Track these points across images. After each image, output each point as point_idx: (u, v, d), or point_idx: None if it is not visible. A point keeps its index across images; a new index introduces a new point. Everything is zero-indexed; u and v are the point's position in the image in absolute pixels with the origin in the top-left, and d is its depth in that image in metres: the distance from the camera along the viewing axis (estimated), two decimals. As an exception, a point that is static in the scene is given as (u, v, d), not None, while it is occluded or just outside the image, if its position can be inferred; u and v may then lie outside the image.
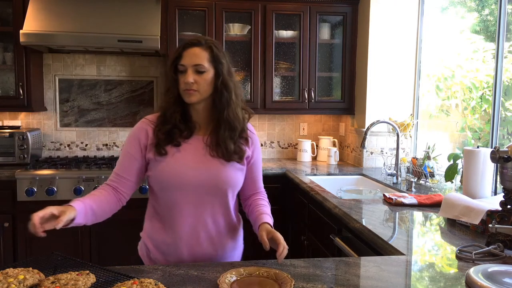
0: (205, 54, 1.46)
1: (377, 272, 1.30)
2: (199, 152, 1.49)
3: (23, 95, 3.10)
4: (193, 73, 1.44)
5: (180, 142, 1.49)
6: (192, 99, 1.46)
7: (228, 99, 1.48)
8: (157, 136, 1.49)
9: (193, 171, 1.46)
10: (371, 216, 1.95)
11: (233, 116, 1.50)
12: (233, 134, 1.50)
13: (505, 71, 2.45)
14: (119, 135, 3.62)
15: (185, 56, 1.45)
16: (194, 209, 1.49)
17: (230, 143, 1.49)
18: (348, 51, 3.47)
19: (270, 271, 1.25)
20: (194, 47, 1.46)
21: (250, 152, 1.56)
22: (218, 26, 3.27)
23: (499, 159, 1.53)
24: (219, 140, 1.49)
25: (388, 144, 3.37)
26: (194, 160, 1.48)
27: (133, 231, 3.01)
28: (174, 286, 1.17)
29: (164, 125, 1.49)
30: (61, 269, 1.21)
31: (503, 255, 1.41)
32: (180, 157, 1.47)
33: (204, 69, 1.45)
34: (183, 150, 1.49)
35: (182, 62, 1.45)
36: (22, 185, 2.83)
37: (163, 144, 1.48)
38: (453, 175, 2.50)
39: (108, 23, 3.02)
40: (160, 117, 1.52)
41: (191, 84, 1.44)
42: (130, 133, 1.55)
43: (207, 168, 1.47)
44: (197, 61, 1.44)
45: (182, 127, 1.49)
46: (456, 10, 3.15)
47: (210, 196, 1.49)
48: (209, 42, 1.49)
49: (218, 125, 1.50)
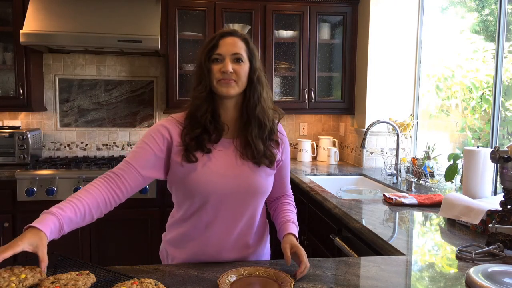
0: (243, 45, 1.38)
1: (377, 272, 1.30)
2: (229, 158, 1.40)
3: (23, 95, 3.10)
4: (231, 62, 1.35)
5: (210, 149, 1.38)
6: (231, 90, 1.35)
7: (259, 95, 1.40)
8: (185, 140, 1.37)
9: (222, 179, 1.37)
10: (371, 216, 1.95)
11: (264, 114, 1.41)
12: (262, 133, 1.41)
13: (505, 71, 2.45)
14: (119, 135, 3.62)
15: (222, 45, 1.36)
16: (222, 218, 1.40)
17: (260, 143, 1.40)
18: (348, 51, 3.47)
19: (270, 271, 1.25)
20: (231, 36, 1.38)
21: (280, 155, 1.48)
22: (218, 26, 3.27)
23: (499, 159, 1.53)
24: (248, 139, 1.40)
25: (388, 144, 3.37)
26: (224, 167, 1.38)
27: (133, 231, 3.03)
28: (174, 286, 1.17)
29: (194, 128, 1.37)
30: (61, 269, 1.21)
31: (503, 255, 1.42)
32: (211, 166, 1.37)
33: (243, 58, 1.37)
34: (214, 158, 1.38)
35: (219, 51, 1.35)
36: (22, 185, 2.83)
37: (193, 150, 1.36)
38: (453, 175, 2.50)
39: (108, 23, 3.02)
40: (188, 117, 1.41)
41: (230, 73, 1.34)
42: (153, 128, 1.41)
43: (237, 176, 1.38)
44: (236, 49, 1.36)
45: (211, 130, 1.38)
46: (456, 10, 3.15)
47: (239, 204, 1.40)
48: (243, 35, 1.41)
49: (248, 123, 1.41)
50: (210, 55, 1.36)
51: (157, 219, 3.01)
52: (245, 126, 1.42)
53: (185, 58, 3.36)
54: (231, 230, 1.42)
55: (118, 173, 1.33)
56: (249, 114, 1.41)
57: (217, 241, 1.41)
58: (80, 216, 1.24)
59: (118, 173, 1.33)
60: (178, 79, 3.30)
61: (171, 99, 3.29)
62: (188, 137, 1.37)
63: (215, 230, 1.40)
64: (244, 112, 1.42)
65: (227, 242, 1.42)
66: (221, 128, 1.40)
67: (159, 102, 3.63)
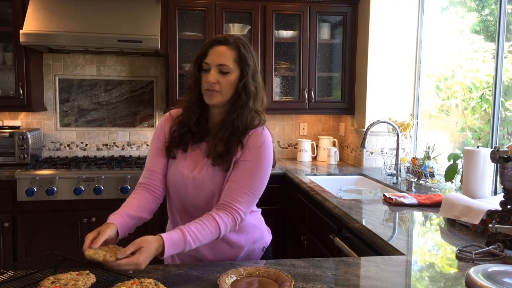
0: (231, 54, 1.39)
1: (377, 272, 1.30)
2: (198, 158, 1.47)
3: (23, 95, 3.10)
4: (216, 73, 1.39)
5: (187, 148, 1.48)
6: (213, 100, 1.41)
7: (243, 103, 1.41)
8: (171, 136, 1.49)
9: (183, 179, 1.46)
10: (371, 216, 1.95)
11: (241, 120, 1.41)
12: (232, 137, 1.41)
13: (505, 71, 2.45)
14: (119, 135, 3.62)
15: (211, 54, 1.40)
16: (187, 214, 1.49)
17: (221, 145, 1.41)
18: (348, 51, 3.47)
19: (270, 271, 1.25)
20: (221, 45, 1.40)
21: (239, 155, 1.41)
22: (218, 26, 3.27)
23: (499, 159, 1.53)
24: (215, 141, 1.43)
25: (388, 144, 3.37)
26: (189, 168, 1.46)
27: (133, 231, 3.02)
28: (174, 286, 1.17)
29: (180, 127, 1.48)
30: (61, 269, 1.21)
31: (503, 255, 1.42)
32: (182, 164, 1.47)
33: (229, 69, 1.39)
34: (188, 157, 1.48)
35: (207, 60, 1.40)
36: (22, 185, 2.83)
37: (174, 146, 1.48)
38: (453, 175, 2.50)
39: (108, 23, 3.02)
40: (180, 116, 1.51)
41: (213, 84, 1.38)
42: (156, 128, 1.56)
43: (195, 175, 1.44)
44: (222, 60, 1.38)
45: (195, 131, 1.47)
46: (456, 10, 3.15)
47: (197, 201, 1.47)
48: (237, 41, 1.41)
49: (221, 127, 1.44)
50: (200, 63, 1.43)
51: (157, 219, 3.00)
52: (219, 130, 1.45)
53: (185, 58, 3.36)
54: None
55: (145, 182, 1.50)
56: (226, 120, 1.44)
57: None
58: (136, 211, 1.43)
59: (145, 183, 1.50)
60: (178, 79, 3.30)
61: (171, 99, 3.29)
62: (175, 134, 1.48)
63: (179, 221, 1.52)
64: (226, 117, 1.45)
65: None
66: (205, 131, 1.49)
67: (159, 102, 3.63)
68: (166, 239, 1.23)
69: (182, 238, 1.26)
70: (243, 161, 1.41)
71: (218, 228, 1.33)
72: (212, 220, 1.33)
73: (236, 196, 1.38)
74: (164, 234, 1.26)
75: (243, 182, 1.39)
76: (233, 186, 1.39)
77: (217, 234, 1.34)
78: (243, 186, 1.38)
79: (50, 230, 2.91)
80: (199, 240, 1.29)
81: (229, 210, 1.37)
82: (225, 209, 1.37)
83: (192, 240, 1.27)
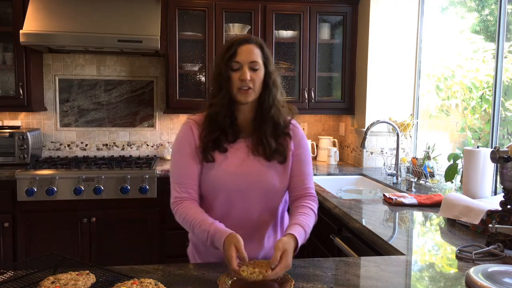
0: (258, 52, 1.45)
1: (377, 272, 1.30)
2: (243, 155, 1.48)
3: (23, 95, 3.10)
4: (248, 70, 1.42)
5: (226, 148, 1.47)
6: (249, 98, 1.44)
7: (274, 98, 1.48)
8: (203, 141, 1.47)
9: (233, 176, 1.45)
10: (371, 216, 1.95)
11: (278, 114, 1.49)
12: (276, 131, 1.48)
13: (505, 71, 2.45)
14: (119, 135, 3.62)
15: (240, 52, 1.42)
16: (241, 213, 1.48)
17: (272, 141, 1.47)
18: (348, 51, 3.47)
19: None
20: (248, 44, 1.44)
21: (293, 148, 1.52)
22: (218, 26, 3.27)
23: (499, 159, 1.53)
24: (260, 137, 1.47)
25: (388, 144, 3.37)
26: (237, 165, 1.46)
27: (133, 231, 3.02)
28: (174, 286, 1.17)
29: (212, 131, 1.46)
30: (61, 269, 1.21)
31: (503, 255, 1.42)
32: (226, 165, 1.46)
33: (258, 66, 1.44)
34: (230, 157, 1.47)
35: (237, 59, 1.42)
36: (22, 185, 2.83)
37: (210, 150, 1.46)
38: (453, 175, 2.50)
39: (108, 23, 3.02)
40: (207, 120, 1.48)
41: (248, 82, 1.41)
42: (179, 139, 1.51)
43: (248, 173, 1.46)
44: (253, 57, 1.43)
45: (229, 132, 1.48)
46: (456, 10, 3.15)
47: (249, 200, 1.47)
48: (258, 40, 1.48)
49: (262, 123, 1.48)
50: (229, 63, 1.43)
51: (156, 219, 3.01)
52: (259, 126, 1.49)
53: (185, 58, 3.36)
54: (244, 226, 1.46)
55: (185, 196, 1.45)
56: (264, 115, 1.48)
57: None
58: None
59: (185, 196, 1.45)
60: (178, 79, 3.30)
61: (171, 99, 3.29)
62: (207, 138, 1.47)
63: (230, 224, 1.45)
64: (258, 114, 1.50)
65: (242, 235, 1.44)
66: (238, 130, 1.50)
67: (159, 102, 3.63)
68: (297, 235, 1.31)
69: (302, 231, 1.36)
70: (297, 154, 1.53)
71: (314, 213, 1.48)
72: (309, 209, 1.47)
73: (308, 185, 1.53)
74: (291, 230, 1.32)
75: (306, 171, 1.54)
76: (301, 177, 1.53)
77: (315, 218, 1.48)
78: (307, 174, 1.54)
79: (50, 230, 2.91)
80: (310, 228, 1.41)
81: (310, 197, 1.51)
82: (307, 197, 1.51)
83: (308, 231, 1.40)
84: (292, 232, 1.31)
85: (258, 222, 1.50)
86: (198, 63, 3.38)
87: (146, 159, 3.40)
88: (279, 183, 1.49)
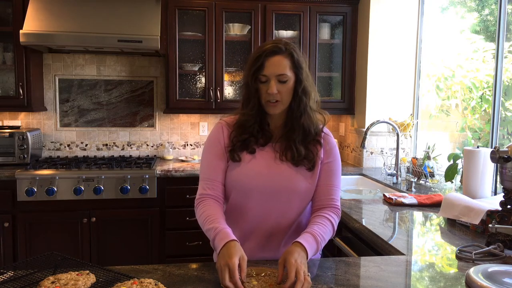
0: (287, 62, 1.42)
1: (377, 272, 1.30)
2: (270, 158, 1.48)
3: (23, 95, 3.10)
4: (276, 83, 1.40)
5: (255, 149, 1.48)
6: (276, 111, 1.44)
7: (305, 105, 1.46)
8: (232, 142, 1.49)
9: (259, 176, 1.45)
10: (371, 216, 1.95)
11: (309, 121, 1.47)
12: (306, 138, 1.48)
13: (505, 71, 2.45)
14: (119, 135, 3.62)
15: (267, 66, 1.40)
16: (259, 214, 1.47)
17: (302, 148, 1.46)
18: (348, 51, 3.47)
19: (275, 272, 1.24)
20: (276, 55, 1.41)
21: (323, 156, 1.50)
22: (218, 26, 3.27)
23: (499, 159, 1.53)
24: (290, 143, 1.47)
25: (388, 144, 3.37)
26: (263, 166, 1.47)
27: (133, 231, 3.02)
28: (174, 286, 1.17)
29: (242, 134, 1.48)
30: (61, 269, 1.21)
31: (503, 255, 1.41)
32: (252, 164, 1.47)
33: (287, 78, 1.41)
34: (258, 158, 1.48)
35: (265, 72, 1.41)
36: (22, 185, 2.83)
37: (238, 150, 1.47)
38: (453, 175, 2.50)
39: (108, 23, 3.02)
40: (237, 124, 1.50)
41: (275, 95, 1.41)
42: (210, 138, 1.54)
43: (274, 174, 1.46)
44: (280, 70, 1.40)
45: (259, 136, 1.49)
46: (456, 10, 3.15)
47: (274, 201, 1.46)
48: (289, 48, 1.44)
49: (292, 131, 1.48)
50: (257, 76, 1.42)
51: (157, 219, 3.01)
52: (289, 133, 1.48)
53: (185, 58, 3.36)
54: (265, 228, 1.48)
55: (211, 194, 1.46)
56: (294, 123, 1.47)
57: (252, 236, 1.50)
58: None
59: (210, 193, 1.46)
60: (178, 79, 3.30)
61: (171, 99, 3.29)
62: (236, 139, 1.49)
63: (248, 225, 1.48)
64: (289, 121, 1.49)
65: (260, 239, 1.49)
66: (269, 135, 1.51)
67: (159, 102, 3.63)
68: (307, 246, 1.28)
69: (314, 241, 1.33)
70: (327, 163, 1.51)
71: (332, 225, 1.44)
72: (326, 219, 1.43)
73: (333, 196, 1.50)
74: (301, 240, 1.29)
75: (334, 182, 1.51)
76: (327, 188, 1.50)
77: (332, 231, 1.44)
78: (334, 185, 1.51)
79: (50, 230, 2.91)
80: (324, 240, 1.38)
81: (331, 209, 1.48)
82: (329, 208, 1.47)
83: (321, 240, 1.36)
84: (303, 242, 1.28)
85: (275, 225, 1.49)
86: (198, 63, 3.38)
87: (146, 159, 3.40)
88: (305, 188, 1.48)
